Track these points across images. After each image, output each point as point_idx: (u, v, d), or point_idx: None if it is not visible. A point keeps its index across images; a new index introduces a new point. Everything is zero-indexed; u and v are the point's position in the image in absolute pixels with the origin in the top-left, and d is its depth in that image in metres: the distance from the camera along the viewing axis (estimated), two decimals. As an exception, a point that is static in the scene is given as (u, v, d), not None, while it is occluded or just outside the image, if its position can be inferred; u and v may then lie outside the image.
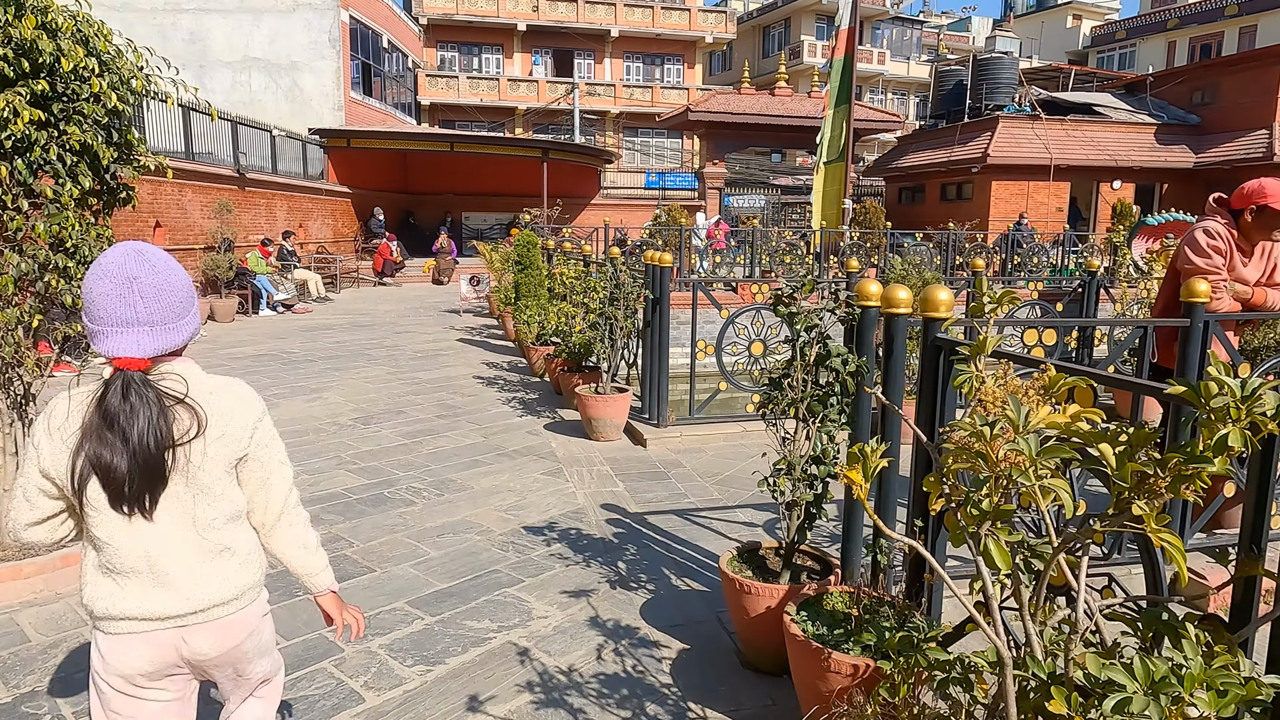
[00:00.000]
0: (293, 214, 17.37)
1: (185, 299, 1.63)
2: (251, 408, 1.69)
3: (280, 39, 21.72)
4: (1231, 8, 40.04)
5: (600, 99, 33.23)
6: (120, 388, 1.52)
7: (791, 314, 2.90)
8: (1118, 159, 22.64)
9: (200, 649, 1.65)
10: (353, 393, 7.83)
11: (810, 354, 2.88)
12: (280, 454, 1.75)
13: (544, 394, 7.87)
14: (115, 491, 1.53)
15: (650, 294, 6.14)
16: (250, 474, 1.70)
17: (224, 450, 1.62)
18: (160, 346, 1.57)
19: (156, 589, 1.60)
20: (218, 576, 1.65)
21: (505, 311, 11.16)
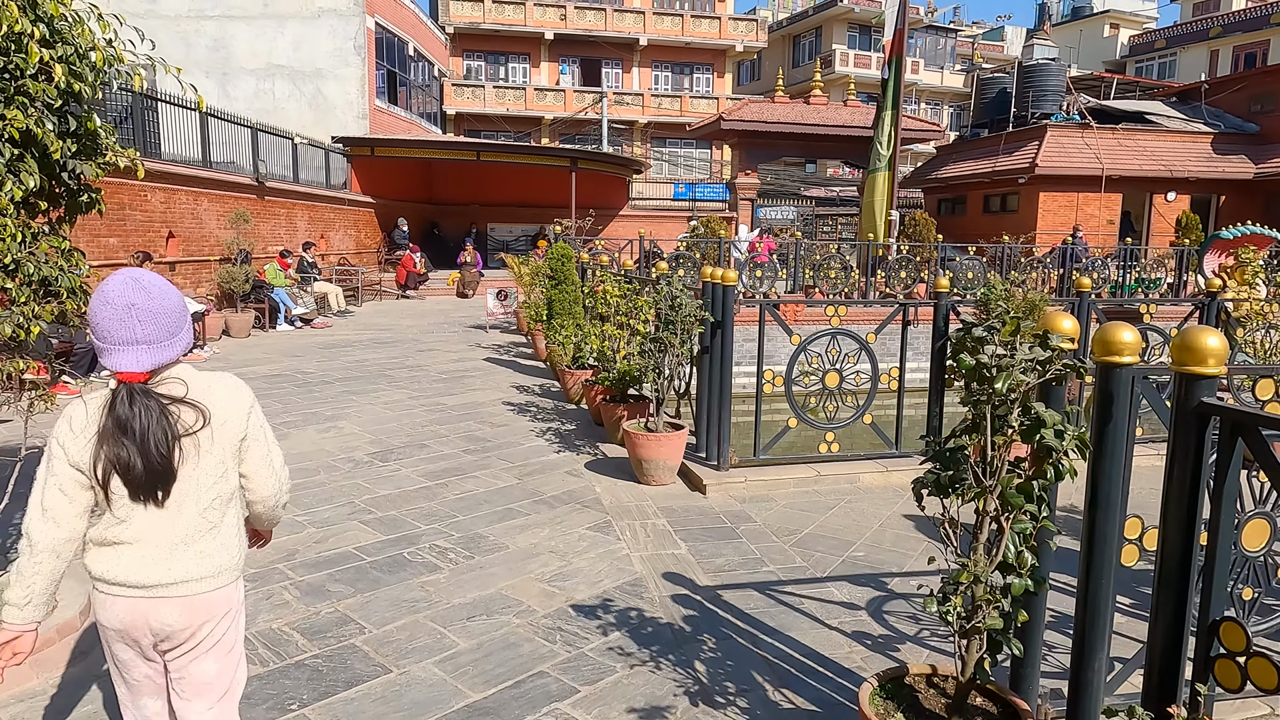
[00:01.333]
0: (314, 224, 16.78)
1: (178, 319, 1.86)
2: (244, 394, 1.94)
3: (304, 46, 21.26)
4: (1278, 15, 38.81)
5: (628, 109, 32.58)
6: (126, 397, 1.76)
7: (981, 369, 2.06)
8: (1173, 169, 21.56)
9: (166, 619, 1.85)
10: (370, 421, 7.07)
11: (1011, 421, 2.04)
12: (273, 435, 2.02)
13: (582, 424, 7.08)
14: (134, 484, 1.77)
15: (710, 316, 5.33)
16: (253, 452, 1.95)
17: (228, 434, 1.88)
18: (158, 361, 1.81)
19: (147, 561, 1.82)
20: (200, 555, 1.86)
21: (535, 330, 10.41)
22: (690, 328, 5.28)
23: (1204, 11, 48.01)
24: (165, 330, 1.81)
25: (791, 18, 42.53)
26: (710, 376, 5.48)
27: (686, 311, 5.19)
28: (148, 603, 1.83)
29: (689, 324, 5.24)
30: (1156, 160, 21.71)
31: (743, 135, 23.54)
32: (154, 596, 1.83)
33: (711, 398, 5.50)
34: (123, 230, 10.18)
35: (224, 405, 1.88)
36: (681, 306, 5.17)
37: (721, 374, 5.30)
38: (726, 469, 5.36)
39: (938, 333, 5.68)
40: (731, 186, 25.09)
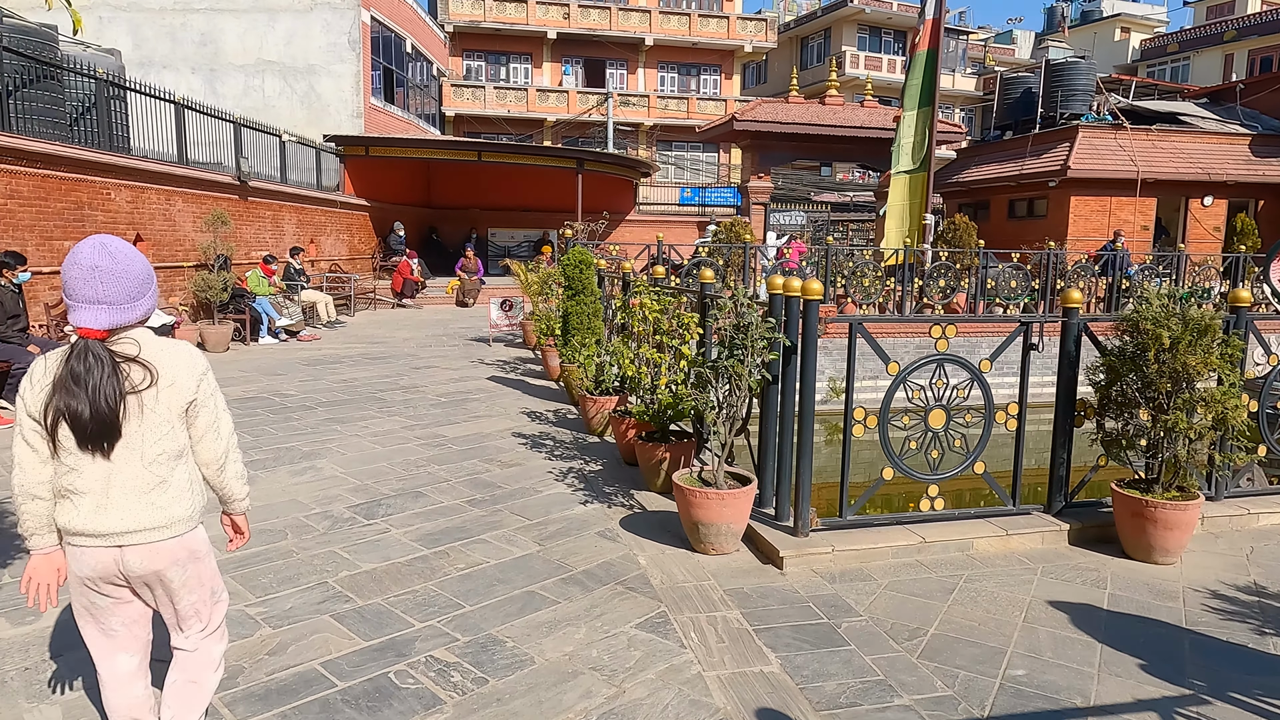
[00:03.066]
0: (303, 228, 15.62)
1: (141, 285, 2.05)
2: (197, 362, 2.12)
3: (297, 40, 20.15)
4: (1294, 18, 37.91)
5: (633, 110, 31.50)
6: (81, 351, 1.96)
7: None
8: (1211, 173, 20.48)
9: (131, 564, 2.06)
10: (355, 460, 5.90)
11: None
12: (223, 402, 2.21)
13: (610, 463, 5.90)
14: (80, 432, 1.96)
15: (785, 339, 4.17)
16: (201, 418, 2.13)
17: (175, 397, 2.06)
18: (116, 321, 2.01)
19: (102, 511, 2.02)
20: (152, 505, 2.06)
21: (547, 346, 9.24)
22: (761, 354, 4.11)
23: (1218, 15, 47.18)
24: (126, 293, 2.01)
25: (799, 19, 41.52)
26: (783, 416, 4.32)
27: (757, 334, 4.02)
28: (113, 550, 2.04)
29: (759, 349, 4.08)
30: (1193, 163, 20.63)
31: (756, 137, 22.45)
32: (116, 544, 2.04)
33: (784, 442, 4.34)
34: (80, 232, 9.01)
35: (174, 368, 2.05)
36: (751, 328, 4.01)
37: (801, 413, 4.13)
38: (806, 533, 4.19)
39: (1067, 359, 4.52)
40: (743, 190, 23.99)
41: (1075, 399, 4.56)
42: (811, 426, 4.16)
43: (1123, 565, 4.19)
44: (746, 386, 4.13)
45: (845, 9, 37.66)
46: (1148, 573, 4.10)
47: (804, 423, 4.14)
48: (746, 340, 4.01)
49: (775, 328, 4.13)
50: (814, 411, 4.15)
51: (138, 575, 2.07)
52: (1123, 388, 4.34)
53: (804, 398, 4.13)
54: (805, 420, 4.14)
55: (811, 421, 4.15)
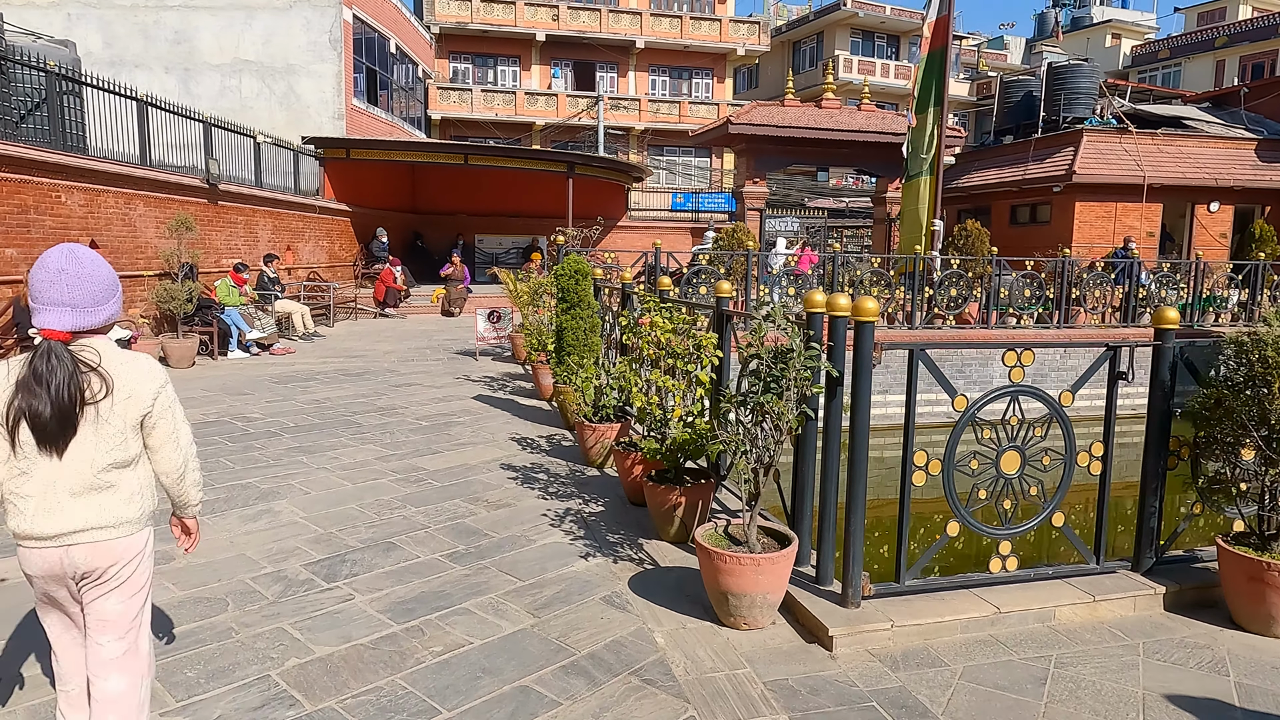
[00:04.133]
0: (279, 234, 14.81)
1: (105, 290, 2.12)
2: (156, 377, 2.17)
3: (275, 39, 19.35)
4: (1286, 24, 37.82)
5: (624, 114, 30.84)
6: (45, 352, 2.02)
7: None
8: (1218, 178, 19.96)
9: (77, 561, 2.10)
10: (320, 500, 5.13)
11: None
12: (182, 414, 2.26)
13: (612, 502, 5.16)
14: (40, 431, 2.01)
15: (832, 369, 3.45)
16: (159, 429, 2.19)
17: (131, 409, 2.12)
18: (79, 324, 2.07)
19: (47, 514, 2.07)
20: (97, 506, 2.11)
21: (538, 362, 8.50)
22: (804, 387, 3.38)
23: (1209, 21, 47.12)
24: (89, 297, 2.08)
25: (791, 23, 41.04)
26: (827, 460, 3.59)
27: (801, 365, 3.30)
28: (59, 550, 2.09)
29: (802, 382, 3.35)
30: (1199, 168, 20.12)
31: (751, 140, 21.76)
32: (61, 545, 2.09)
33: (828, 491, 3.61)
34: (25, 239, 8.21)
35: (132, 382, 2.12)
36: (793, 356, 3.28)
37: (852, 459, 3.41)
38: (858, 604, 3.46)
39: (1160, 390, 3.82)
40: (738, 196, 23.30)
41: (1169, 436, 3.85)
42: (865, 475, 3.44)
43: (1239, 641, 3.48)
44: (786, 426, 3.40)
45: (838, 13, 37.19)
46: (1273, 651, 3.40)
47: (855, 471, 3.42)
48: (789, 371, 3.28)
49: (819, 354, 3.40)
50: (867, 456, 3.43)
51: (81, 570, 2.11)
52: (1229, 424, 3.63)
53: (856, 441, 3.40)
54: (857, 468, 3.41)
55: (865, 469, 3.43)
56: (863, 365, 3.36)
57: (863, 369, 3.36)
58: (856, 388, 3.38)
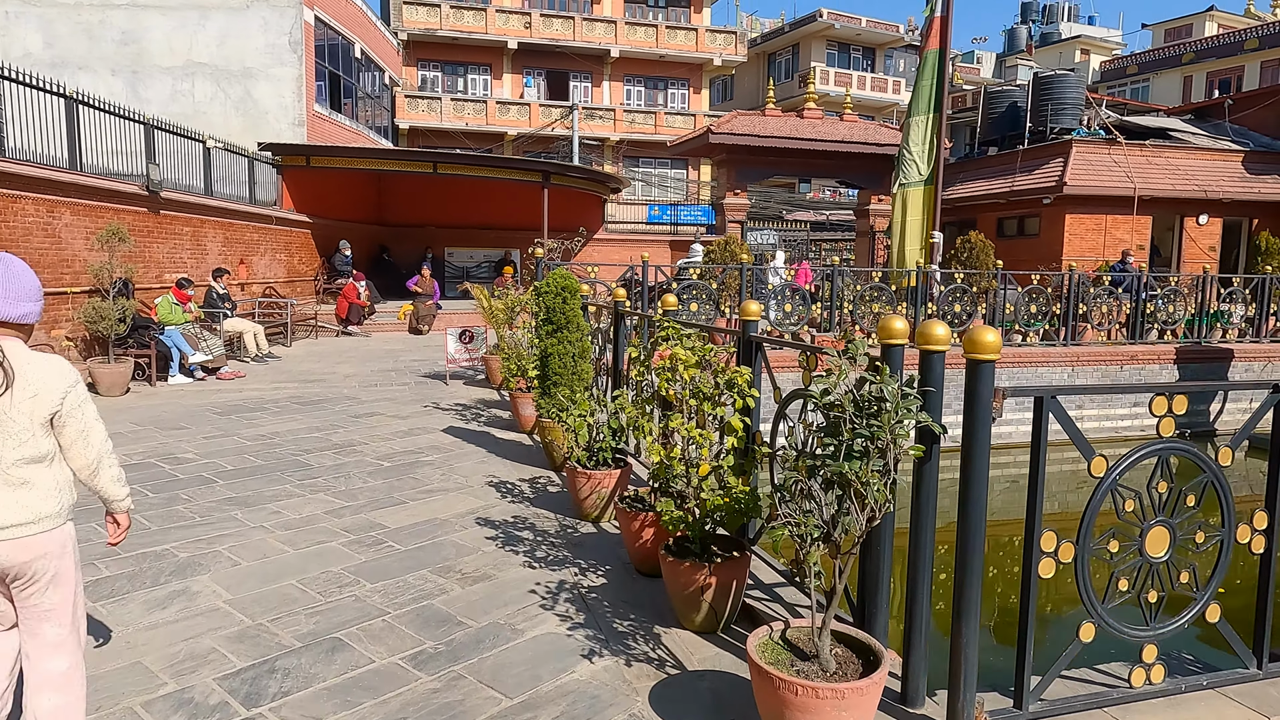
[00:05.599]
0: (231, 246, 13.69)
1: (28, 292, 2.22)
2: (65, 377, 2.23)
3: (231, 41, 18.23)
4: (1251, 41, 38.25)
5: (599, 124, 30.02)
6: None
7: None
8: (1207, 190, 19.59)
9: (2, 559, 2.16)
10: (252, 574, 4.12)
11: None
12: (94, 412, 2.33)
13: (614, 570, 4.22)
14: None
15: (935, 424, 2.56)
16: (69, 428, 2.26)
17: (38, 407, 2.17)
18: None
19: None
20: (16, 503, 2.17)
21: (517, 390, 7.53)
22: (898, 450, 2.48)
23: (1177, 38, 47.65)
24: (12, 291, 2.18)
25: (766, 35, 40.63)
26: (919, 540, 2.69)
27: (893, 419, 2.40)
28: None
29: (899, 443, 2.45)
30: (1189, 180, 19.74)
31: (732, 151, 21.05)
32: None
33: (919, 582, 2.71)
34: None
35: (39, 380, 2.17)
36: (888, 412, 2.38)
37: (965, 546, 2.51)
38: (968, 739, 2.55)
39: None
40: (718, 208, 22.56)
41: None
42: (980, 567, 2.53)
43: None
44: (872, 501, 2.49)
45: (814, 24, 36.82)
46: None
47: (968, 562, 2.52)
48: (883, 429, 2.38)
49: (919, 405, 2.50)
50: (983, 542, 2.52)
51: (8, 568, 2.17)
52: None
53: (968, 523, 2.50)
54: (970, 559, 2.51)
55: (980, 560, 2.53)
56: (979, 418, 2.47)
57: (979, 423, 2.47)
58: (970, 450, 2.49)
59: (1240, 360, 13.18)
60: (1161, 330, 13.08)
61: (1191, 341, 13.24)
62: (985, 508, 2.51)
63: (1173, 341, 13.12)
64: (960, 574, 2.52)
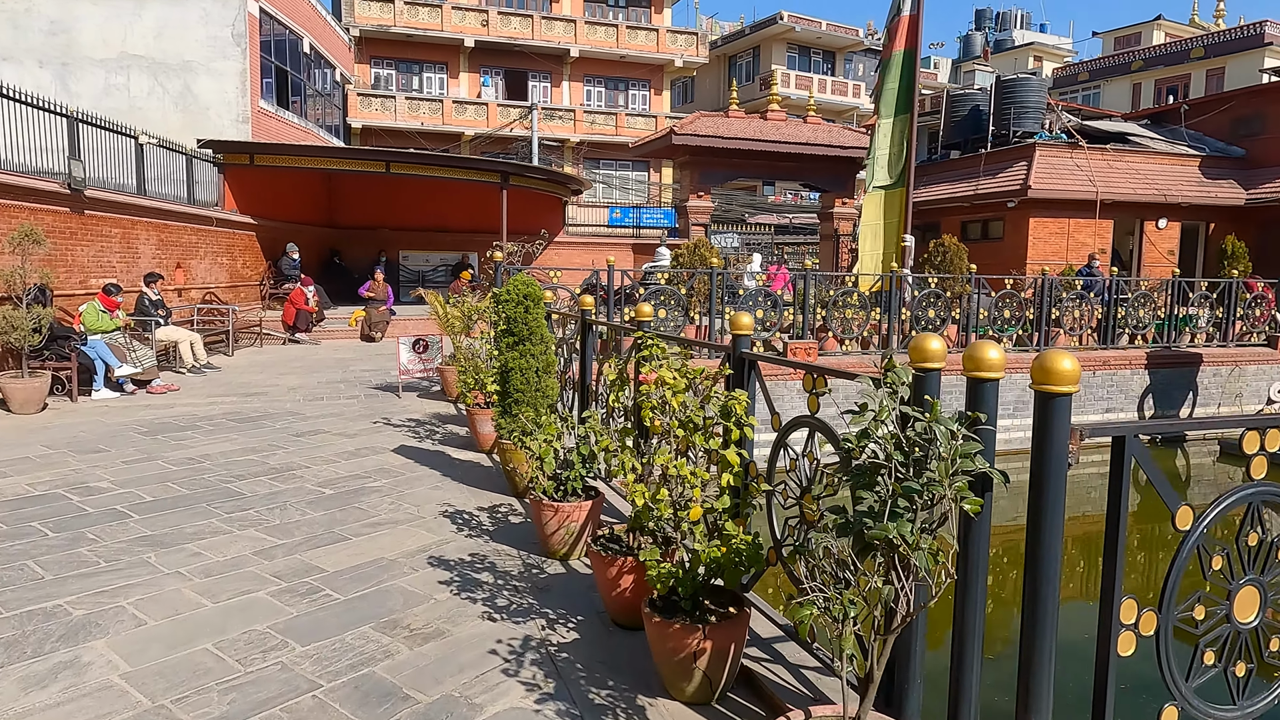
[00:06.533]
0: (166, 249, 12.82)
1: None
2: None
3: (169, 32, 17.26)
4: (1197, 50, 39.17)
5: (558, 125, 29.42)
6: None
7: None
8: (1167, 194, 19.72)
9: None
10: (159, 637, 3.49)
11: None
12: None
13: (587, 623, 3.67)
14: None
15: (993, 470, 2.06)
16: None
17: None
18: None
19: None
20: None
21: (474, 406, 6.93)
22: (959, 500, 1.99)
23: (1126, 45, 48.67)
24: None
25: (726, 37, 40.41)
26: (966, 611, 2.20)
27: (955, 465, 1.90)
28: None
29: (955, 494, 1.95)
30: (1149, 184, 19.85)
31: (696, 153, 20.63)
32: None
33: (966, 663, 2.22)
34: None
35: None
36: (942, 459, 1.89)
37: (1034, 631, 2.02)
38: None
39: None
40: (681, 210, 22.10)
41: None
42: (1050, 664, 2.05)
43: None
44: (922, 567, 1.99)
45: (774, 27, 36.69)
46: None
47: (1038, 654, 2.03)
48: (940, 482, 1.88)
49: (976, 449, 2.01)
50: (1055, 624, 2.04)
51: None
52: None
53: (1040, 600, 2.02)
54: (1040, 646, 2.02)
55: (1050, 653, 2.04)
56: (1052, 466, 1.98)
57: (1052, 472, 1.98)
58: (1040, 507, 2.00)
59: (1209, 365, 13.12)
60: (1132, 335, 12.95)
61: (1161, 346, 13.13)
62: (1058, 579, 2.02)
63: (1143, 346, 13.00)
64: (1028, 662, 2.03)
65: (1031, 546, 2.02)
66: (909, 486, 1.90)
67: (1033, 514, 2.02)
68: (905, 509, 1.95)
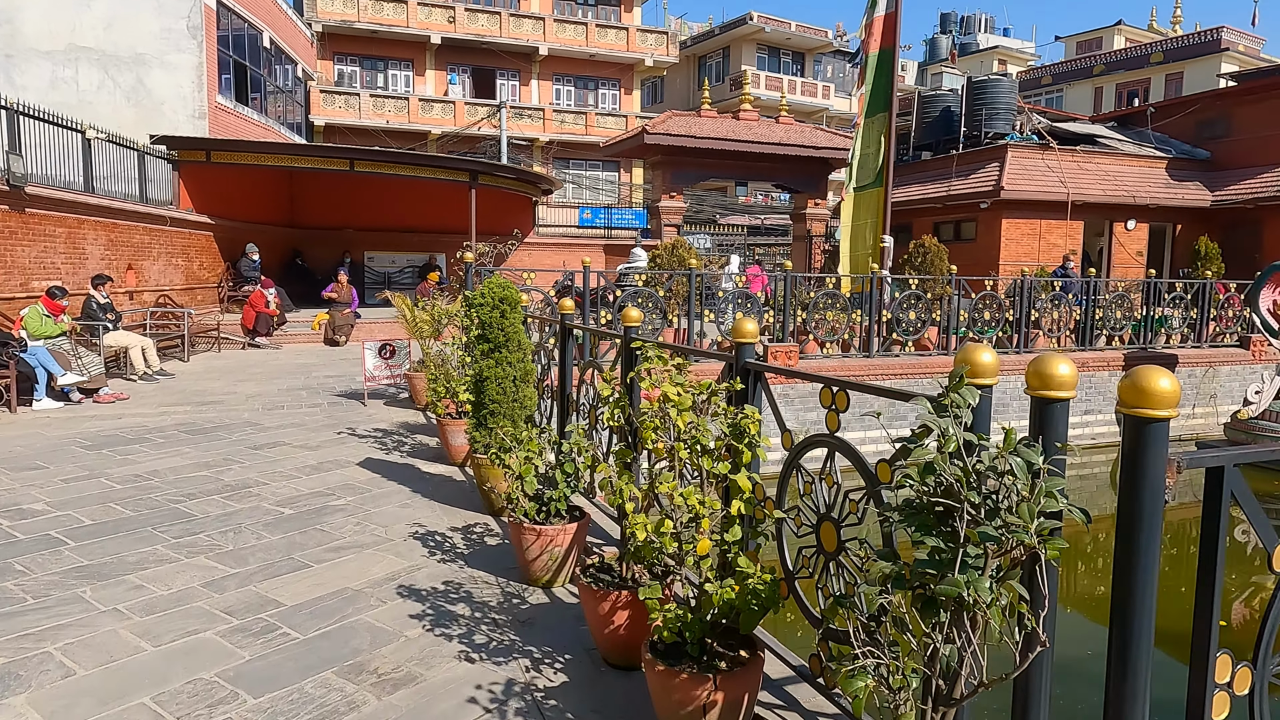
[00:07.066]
0: (116, 250, 12.20)
1: None
2: None
3: (120, 24, 16.56)
4: (1156, 55, 39.89)
5: (527, 124, 28.96)
6: None
7: None
8: (1136, 196, 19.84)
9: None
10: (89, 690, 3.06)
11: None
12: None
13: (576, 663, 3.31)
14: None
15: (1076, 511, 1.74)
16: None
17: None
18: None
19: None
20: None
21: (445, 416, 6.54)
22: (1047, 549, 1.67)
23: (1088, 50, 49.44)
24: None
25: (696, 38, 40.23)
26: (1033, 688, 1.89)
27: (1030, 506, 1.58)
28: None
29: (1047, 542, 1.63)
30: (1118, 185, 19.96)
31: (668, 152, 20.36)
32: None
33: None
34: None
35: None
36: (1024, 500, 1.57)
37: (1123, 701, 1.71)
38: None
39: None
40: (653, 211, 21.81)
41: None
42: (1145, 720, 1.74)
43: None
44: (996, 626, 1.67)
45: (744, 28, 36.58)
46: None
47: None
48: (1024, 527, 1.56)
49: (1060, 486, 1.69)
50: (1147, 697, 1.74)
51: None
52: None
53: (1130, 667, 1.70)
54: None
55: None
56: (1146, 503, 1.68)
57: (1145, 510, 1.68)
58: (1131, 555, 1.69)
59: (1184, 365, 13.11)
60: (1109, 336, 12.89)
61: (1138, 347, 13.10)
62: (1151, 636, 1.71)
63: (1120, 347, 12.95)
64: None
65: (1121, 600, 1.71)
66: (985, 533, 1.58)
67: (1123, 563, 1.71)
68: (977, 557, 1.63)
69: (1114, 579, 1.74)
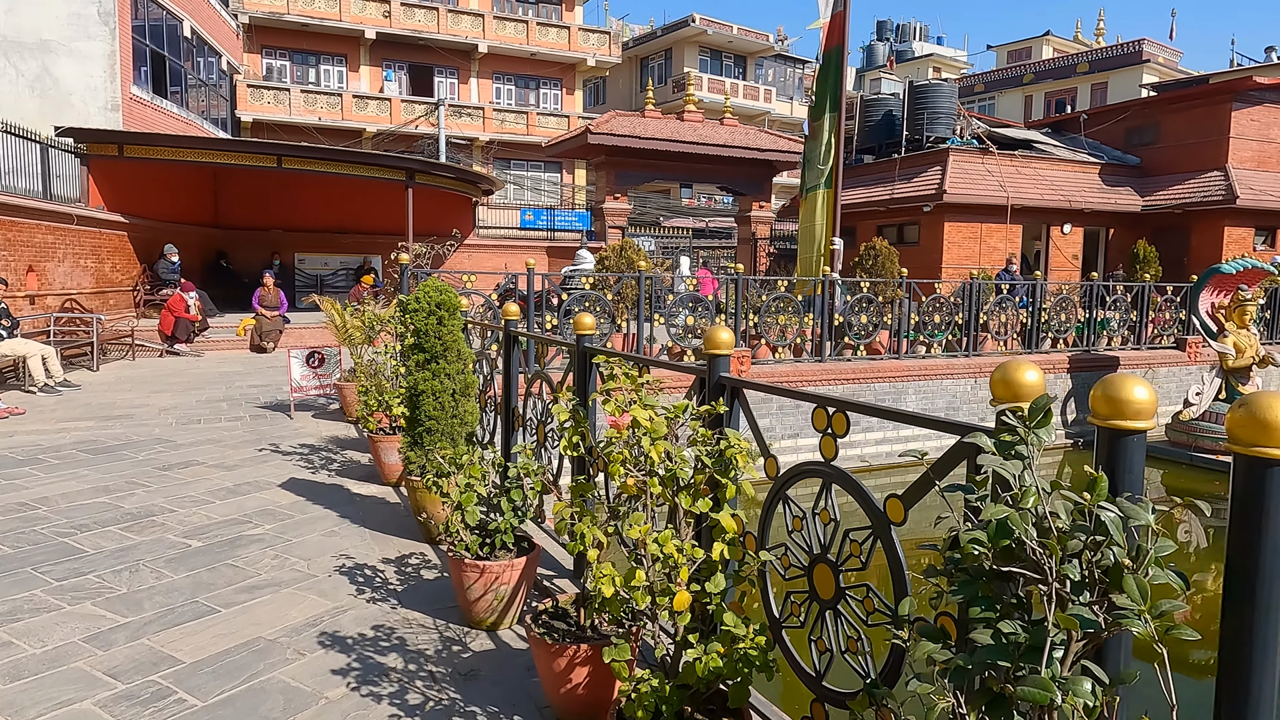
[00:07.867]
0: (14, 250, 11.22)
1: None
2: None
3: (23, 8, 15.42)
4: (1083, 65, 41.26)
5: (467, 123, 28.22)
6: None
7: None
8: (1072, 200, 20.22)
9: None
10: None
11: None
12: None
13: (528, 726, 2.86)
14: None
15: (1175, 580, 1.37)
16: None
17: None
18: None
19: None
20: None
21: (377, 432, 5.99)
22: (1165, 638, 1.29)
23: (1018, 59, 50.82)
24: None
25: (639, 39, 39.93)
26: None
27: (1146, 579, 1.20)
28: None
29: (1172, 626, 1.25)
30: (1055, 190, 20.31)
31: (612, 153, 19.99)
32: None
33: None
34: None
35: None
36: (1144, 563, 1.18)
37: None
38: None
39: None
40: (597, 212, 21.40)
41: None
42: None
43: None
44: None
45: (686, 30, 36.43)
46: None
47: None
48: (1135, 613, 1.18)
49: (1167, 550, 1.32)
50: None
51: None
52: None
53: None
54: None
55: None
56: (1269, 554, 1.32)
57: (1268, 561, 1.32)
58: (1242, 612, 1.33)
59: (1125, 367, 13.26)
60: (1055, 339, 12.95)
61: (1081, 350, 13.20)
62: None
63: (1065, 350, 13.02)
64: None
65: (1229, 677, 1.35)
66: (1083, 617, 1.19)
67: (1233, 630, 1.35)
68: (1060, 643, 1.25)
69: (1221, 650, 1.38)
